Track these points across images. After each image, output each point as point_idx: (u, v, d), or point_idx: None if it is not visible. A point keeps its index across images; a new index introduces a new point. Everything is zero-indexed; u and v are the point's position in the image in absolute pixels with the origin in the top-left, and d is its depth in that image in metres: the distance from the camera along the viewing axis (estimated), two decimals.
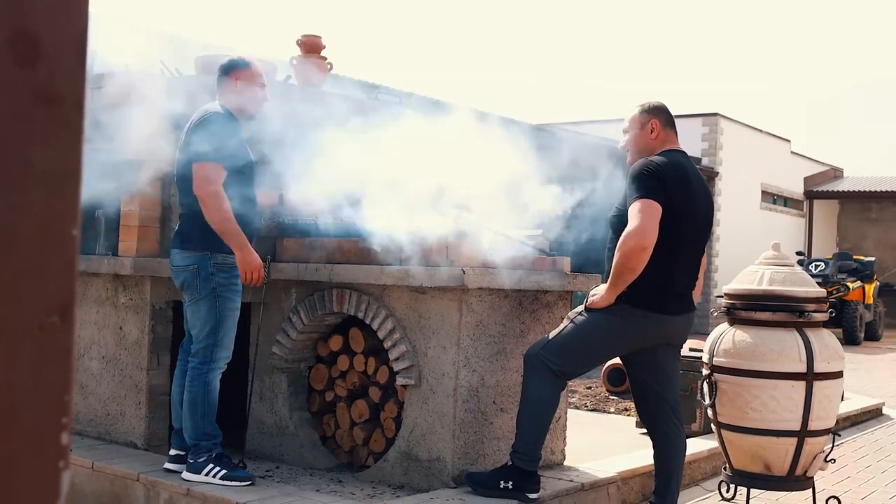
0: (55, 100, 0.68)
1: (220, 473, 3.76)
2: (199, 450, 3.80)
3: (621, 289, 3.47)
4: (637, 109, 3.74)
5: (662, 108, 3.73)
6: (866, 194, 23.50)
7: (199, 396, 3.80)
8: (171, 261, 3.89)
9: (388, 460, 3.99)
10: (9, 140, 0.66)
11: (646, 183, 3.44)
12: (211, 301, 3.78)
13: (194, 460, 3.80)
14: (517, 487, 3.55)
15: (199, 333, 3.83)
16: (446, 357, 3.80)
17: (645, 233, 3.37)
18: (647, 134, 3.66)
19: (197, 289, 3.79)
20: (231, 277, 3.83)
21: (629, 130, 3.73)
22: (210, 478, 3.75)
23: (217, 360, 3.84)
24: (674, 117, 3.76)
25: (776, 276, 3.88)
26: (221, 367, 3.87)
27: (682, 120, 20.14)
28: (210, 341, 3.80)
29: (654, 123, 3.67)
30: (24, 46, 0.65)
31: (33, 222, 0.67)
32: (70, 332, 0.68)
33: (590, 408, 6.86)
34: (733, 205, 19.69)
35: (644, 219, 3.38)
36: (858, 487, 4.75)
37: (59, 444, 0.67)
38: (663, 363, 3.68)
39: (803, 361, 3.70)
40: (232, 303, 3.84)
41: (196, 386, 3.80)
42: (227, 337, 3.85)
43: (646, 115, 3.69)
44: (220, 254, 3.78)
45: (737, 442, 3.84)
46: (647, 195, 3.41)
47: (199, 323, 3.82)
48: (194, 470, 3.80)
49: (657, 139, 3.66)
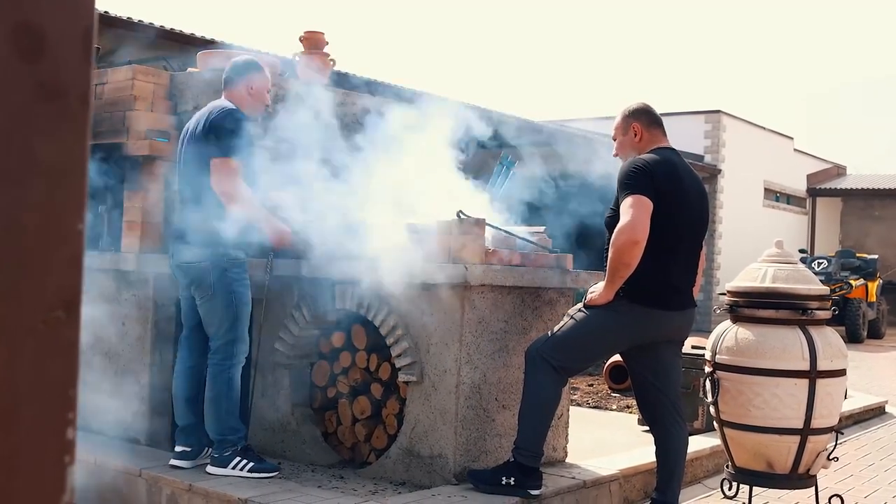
0: (60, 94, 0.67)
1: (248, 466, 3.81)
2: (225, 444, 3.83)
3: (618, 285, 3.48)
4: (619, 116, 3.79)
5: (643, 109, 3.75)
6: (869, 192, 23.47)
7: (222, 392, 3.84)
8: (178, 256, 3.87)
9: (390, 457, 3.99)
10: (13, 134, 0.65)
11: (634, 180, 3.46)
12: (227, 297, 3.80)
13: (220, 454, 3.83)
14: (519, 484, 3.55)
15: (217, 330, 3.84)
16: (448, 354, 3.80)
17: (636, 228, 3.38)
18: (631, 138, 3.70)
19: (210, 286, 3.79)
20: (242, 272, 3.87)
21: (616, 138, 3.77)
22: (238, 471, 3.79)
23: (238, 355, 3.88)
24: (659, 115, 3.79)
25: (779, 274, 3.87)
26: (242, 362, 3.92)
27: (685, 117, 20.15)
28: (230, 336, 3.84)
29: (635, 127, 3.69)
30: (29, 40, 0.64)
31: (37, 216, 0.67)
32: (75, 326, 0.68)
33: (592, 405, 6.86)
34: (736, 202, 19.67)
35: (635, 213, 3.40)
36: (861, 486, 4.74)
37: (64, 439, 0.67)
38: (664, 360, 3.68)
39: (806, 359, 3.70)
40: (245, 297, 3.89)
41: (219, 383, 3.84)
42: (245, 330, 3.90)
43: (627, 119, 3.73)
44: (233, 250, 3.81)
45: (739, 440, 3.83)
46: (636, 191, 3.43)
47: (216, 320, 3.83)
48: (220, 464, 3.82)
49: (642, 141, 3.68)
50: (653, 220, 3.51)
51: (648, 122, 3.71)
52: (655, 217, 3.47)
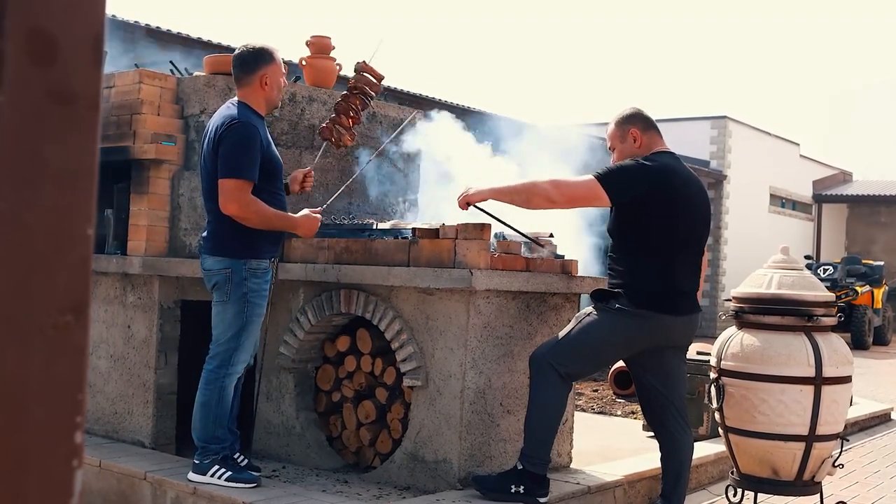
0: (71, 99, 0.68)
1: (225, 475, 3.74)
2: (207, 452, 3.80)
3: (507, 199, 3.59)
4: (613, 124, 3.72)
5: (638, 114, 3.71)
6: (875, 198, 23.43)
7: (213, 400, 3.76)
8: (203, 264, 3.80)
9: (395, 461, 3.99)
10: (23, 138, 0.66)
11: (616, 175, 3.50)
12: (240, 306, 3.72)
13: (200, 461, 3.80)
14: (528, 491, 3.53)
15: (220, 335, 3.77)
16: (453, 358, 3.80)
17: (563, 190, 3.49)
18: (630, 145, 3.66)
19: (227, 292, 3.72)
20: (262, 283, 3.77)
21: (614, 147, 3.72)
22: (215, 479, 3.75)
23: (235, 365, 3.78)
24: (653, 119, 3.74)
25: (785, 280, 3.86)
26: (239, 372, 3.82)
27: (690, 122, 20.14)
28: (232, 345, 3.75)
29: (634, 133, 3.65)
30: (42, 46, 0.65)
31: (47, 220, 0.67)
32: (84, 330, 0.68)
33: (596, 410, 6.85)
34: (741, 208, 19.64)
35: (579, 187, 3.49)
36: (867, 493, 4.73)
37: (72, 443, 0.67)
38: (669, 366, 3.68)
39: (812, 366, 3.69)
40: (259, 308, 3.78)
41: (211, 390, 3.76)
42: (249, 341, 3.79)
43: (623, 126, 3.68)
44: (254, 259, 3.72)
45: (744, 446, 3.83)
46: (602, 180, 3.47)
47: (222, 325, 3.77)
48: (200, 471, 3.80)
49: (641, 146, 3.65)
50: (656, 224, 3.51)
51: (645, 126, 3.68)
52: (659, 221, 3.48)
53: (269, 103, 3.81)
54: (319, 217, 3.88)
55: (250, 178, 3.61)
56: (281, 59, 3.84)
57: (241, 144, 3.61)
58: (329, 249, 4.25)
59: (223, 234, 3.72)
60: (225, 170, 3.60)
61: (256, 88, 3.74)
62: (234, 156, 3.60)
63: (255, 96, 3.76)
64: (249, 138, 3.63)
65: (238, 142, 3.61)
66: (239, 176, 3.60)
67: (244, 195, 3.61)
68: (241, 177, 3.60)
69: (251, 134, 3.64)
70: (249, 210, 3.62)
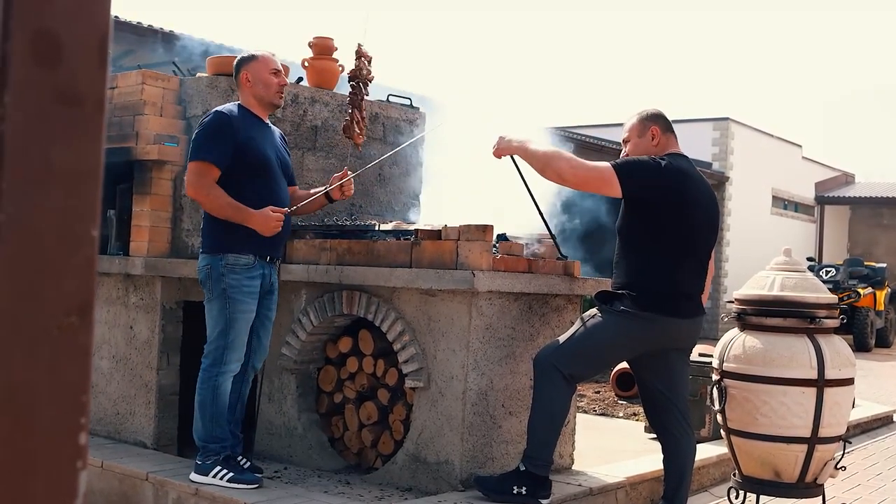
0: (76, 101, 0.68)
1: (226, 476, 3.75)
2: (207, 452, 3.80)
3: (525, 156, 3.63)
4: (635, 118, 3.76)
5: (661, 115, 3.76)
6: (878, 200, 23.40)
7: (208, 399, 3.76)
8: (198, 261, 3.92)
9: (396, 463, 3.99)
10: (30, 140, 0.66)
11: (633, 166, 3.52)
12: (221, 302, 3.75)
13: (202, 462, 3.80)
14: (530, 493, 3.53)
15: (210, 333, 3.80)
16: (455, 360, 3.80)
17: (578, 171, 3.51)
18: (647, 141, 3.68)
19: (210, 289, 3.77)
20: (244, 279, 3.76)
21: (629, 140, 3.74)
22: (216, 480, 3.75)
23: (227, 363, 3.78)
24: (672, 123, 3.79)
25: (787, 282, 3.86)
26: (233, 370, 3.82)
27: (693, 124, 20.11)
28: (220, 343, 3.76)
29: (654, 130, 3.68)
30: (48, 47, 0.65)
31: (53, 222, 0.67)
32: (88, 332, 0.68)
33: (598, 412, 6.84)
34: (744, 210, 19.63)
35: (593, 170, 3.51)
36: (869, 495, 4.72)
37: (76, 444, 0.67)
38: (672, 367, 3.68)
39: (814, 368, 3.68)
40: (243, 304, 3.77)
41: (206, 389, 3.77)
42: (238, 339, 3.79)
43: (645, 122, 3.71)
44: (231, 254, 3.74)
45: (746, 448, 3.82)
46: (617, 169, 3.49)
47: (211, 323, 3.80)
48: (201, 471, 3.80)
49: (658, 145, 3.67)
50: (665, 225, 3.51)
51: (665, 127, 3.72)
52: (668, 221, 3.48)
53: (258, 98, 3.87)
54: (280, 217, 3.74)
55: (210, 160, 3.68)
56: (270, 58, 3.93)
57: (204, 128, 3.74)
58: (331, 250, 4.25)
59: (204, 230, 3.83)
60: (191, 154, 3.74)
61: (243, 87, 3.88)
62: (197, 139, 3.73)
63: (245, 95, 3.89)
64: (214, 124, 3.74)
65: (203, 127, 3.75)
66: (197, 158, 3.70)
67: (201, 179, 3.69)
68: (198, 158, 3.69)
69: (219, 120, 3.74)
70: (202, 193, 3.70)
